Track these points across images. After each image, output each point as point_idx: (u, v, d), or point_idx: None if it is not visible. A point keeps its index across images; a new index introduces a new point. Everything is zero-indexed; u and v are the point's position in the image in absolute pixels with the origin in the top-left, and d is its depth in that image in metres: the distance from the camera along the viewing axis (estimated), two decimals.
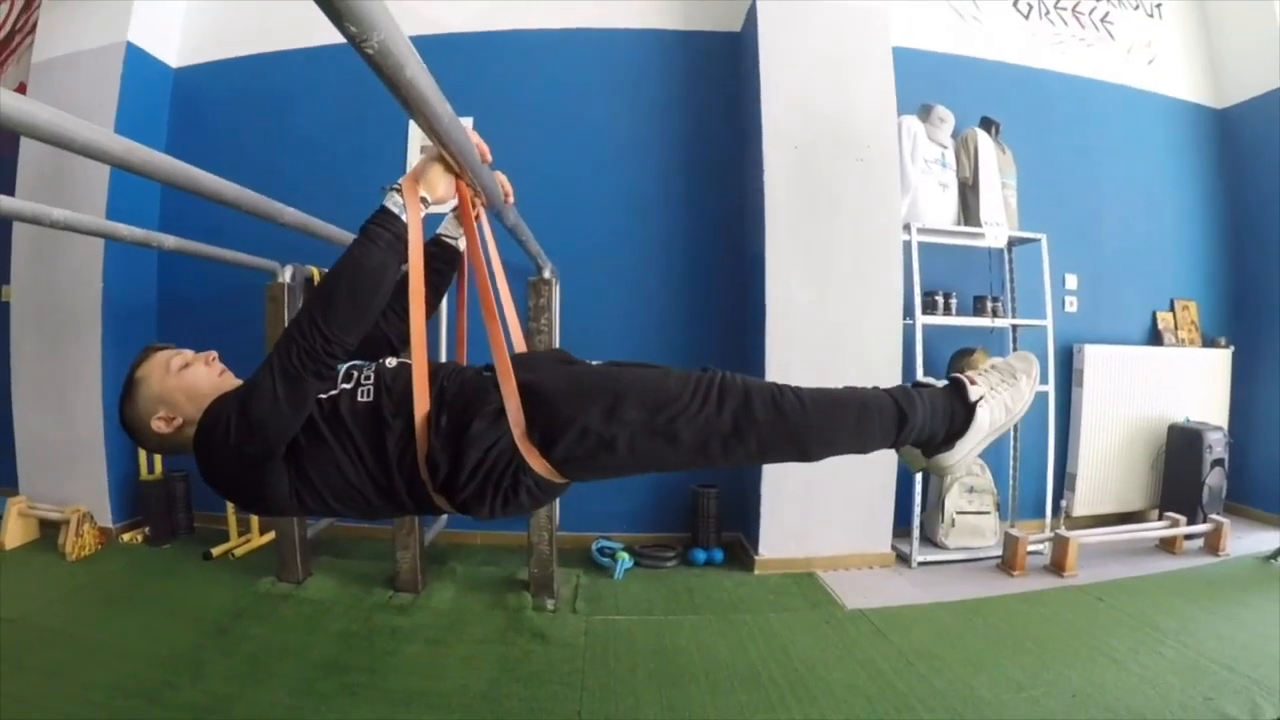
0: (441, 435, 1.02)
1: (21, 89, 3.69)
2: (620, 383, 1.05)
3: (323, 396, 1.06)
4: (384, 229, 1.01)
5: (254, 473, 1.02)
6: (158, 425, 1.09)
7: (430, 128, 0.89)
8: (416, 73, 0.75)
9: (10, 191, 3.26)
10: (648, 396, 1.03)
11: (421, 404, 1.02)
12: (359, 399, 1.06)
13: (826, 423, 1.07)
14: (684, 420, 1.02)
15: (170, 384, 1.09)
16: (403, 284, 1.06)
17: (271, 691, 2.01)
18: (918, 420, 1.10)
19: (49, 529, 3.32)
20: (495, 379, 1.05)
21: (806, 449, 1.08)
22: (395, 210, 1.02)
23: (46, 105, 1.01)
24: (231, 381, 1.12)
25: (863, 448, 1.11)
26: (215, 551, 3.10)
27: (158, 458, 3.37)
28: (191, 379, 1.09)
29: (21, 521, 3.35)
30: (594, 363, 1.17)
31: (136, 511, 3.41)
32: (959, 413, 1.13)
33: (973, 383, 1.15)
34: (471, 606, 2.63)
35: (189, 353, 1.12)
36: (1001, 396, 1.16)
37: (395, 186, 1.04)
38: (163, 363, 1.10)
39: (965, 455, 1.15)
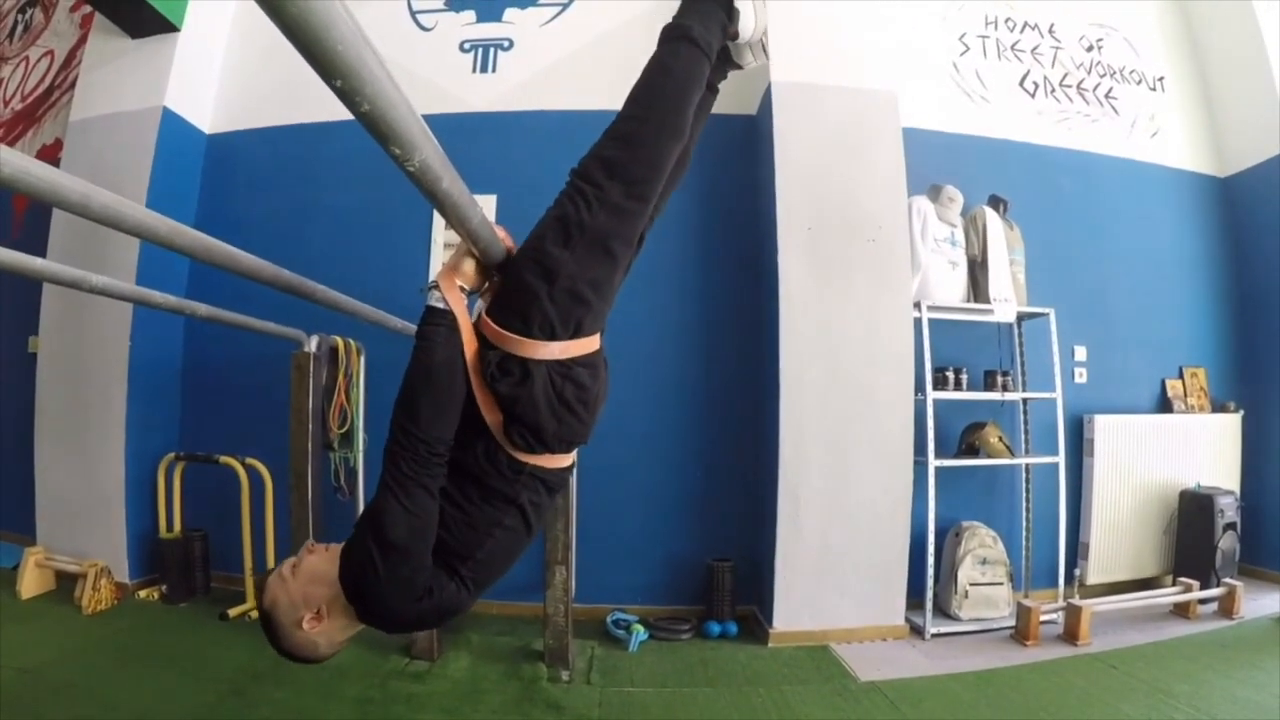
0: (506, 421, 1.11)
1: (58, 145, 3.82)
2: (528, 258, 1.15)
3: None
4: (437, 325, 1.09)
5: (421, 591, 1.06)
6: (311, 626, 1.08)
7: (462, 228, 0.98)
8: (451, 185, 0.84)
9: (42, 249, 3.36)
10: (555, 237, 1.14)
11: (494, 420, 1.11)
12: None
13: (661, 104, 1.20)
14: (591, 222, 1.13)
15: (294, 588, 1.09)
16: None
17: None
18: (698, 28, 1.23)
19: (65, 581, 3.35)
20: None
21: (675, 130, 1.20)
22: (439, 305, 1.10)
23: (110, 193, 1.08)
24: (336, 551, 1.13)
25: (701, 81, 1.25)
26: (232, 612, 3.10)
27: (178, 515, 3.41)
28: (308, 569, 1.11)
29: (39, 572, 3.38)
30: None
31: (154, 569, 3.43)
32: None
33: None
34: (487, 676, 2.64)
35: (289, 559, 1.15)
36: None
37: (432, 285, 1.12)
38: (277, 579, 1.12)
39: (753, 7, 1.33)
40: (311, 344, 2.86)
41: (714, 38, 1.27)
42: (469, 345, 1.10)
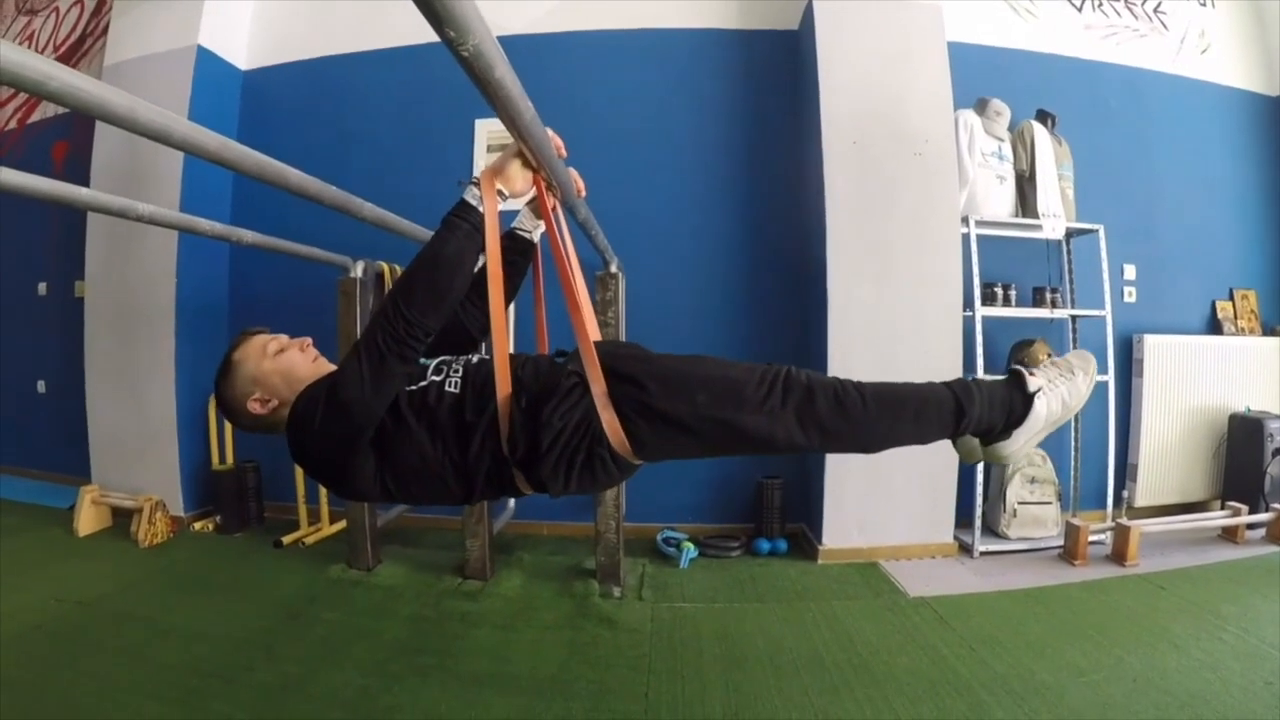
0: (521, 415, 1.08)
1: None
2: (694, 371, 1.11)
3: (413, 388, 1.12)
4: (462, 219, 1.07)
5: (341, 454, 1.07)
6: (253, 406, 1.14)
7: (513, 125, 0.94)
8: (505, 73, 0.81)
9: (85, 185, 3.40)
10: (717, 386, 1.08)
11: (504, 386, 1.07)
12: (447, 389, 1.12)
13: (887, 419, 1.11)
14: (750, 410, 1.07)
15: (266, 367, 1.14)
16: (481, 276, 1.12)
17: (344, 672, 2.07)
18: (975, 413, 1.13)
19: (121, 517, 3.44)
20: (567, 366, 1.11)
21: (867, 443, 1.13)
22: (473, 202, 1.08)
23: (156, 106, 1.05)
24: (325, 367, 1.17)
25: (921, 439, 1.15)
26: (286, 540, 3.18)
27: (229, 448, 3.47)
28: (287, 363, 1.15)
29: (94, 509, 3.47)
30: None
31: (208, 501, 3.53)
32: (1018, 403, 1.16)
33: (1031, 374, 1.18)
34: (539, 594, 2.68)
35: (284, 338, 1.18)
36: (1059, 390, 1.18)
37: (473, 180, 1.09)
38: (260, 346, 1.16)
39: (1021, 446, 1.18)
40: (358, 269, 2.86)
41: (974, 429, 1.15)
42: (492, 245, 1.06)
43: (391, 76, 3.51)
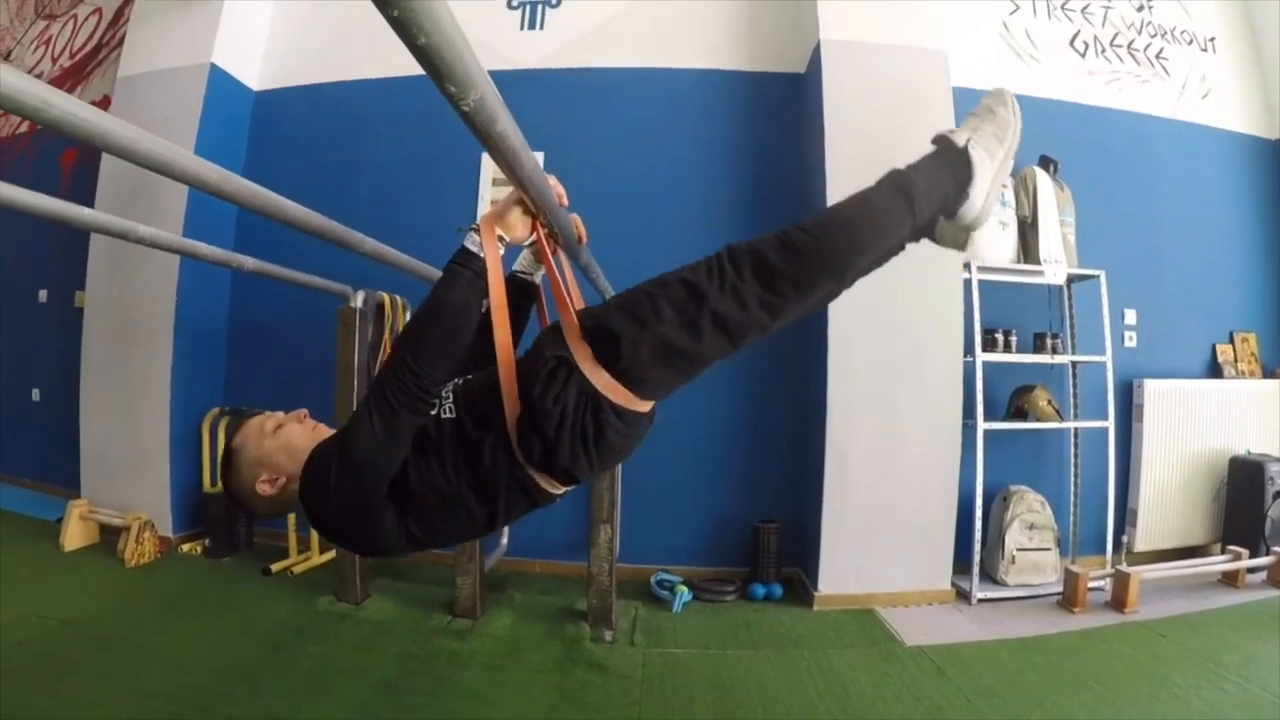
0: (525, 420, 1.05)
1: (106, 101, 3.84)
2: (647, 290, 1.09)
3: None
4: (464, 267, 1.06)
5: (361, 514, 1.05)
6: (263, 488, 1.10)
7: (513, 174, 0.94)
8: (506, 127, 0.80)
9: (90, 203, 3.40)
10: (675, 292, 1.06)
11: (512, 408, 1.05)
12: (444, 416, 1.10)
13: (841, 234, 1.09)
14: (714, 297, 1.05)
15: (267, 446, 1.11)
16: (485, 324, 1.09)
17: (328, 709, 2.03)
18: (922, 188, 1.12)
19: (109, 534, 3.39)
20: (544, 352, 1.08)
21: (838, 268, 1.10)
22: (474, 249, 1.06)
23: (159, 138, 1.03)
24: (325, 433, 1.14)
25: (889, 237, 1.13)
26: (275, 568, 3.14)
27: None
28: (287, 437, 1.12)
29: (82, 525, 3.43)
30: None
31: (197, 523, 3.48)
32: (957, 162, 1.18)
33: (953, 132, 1.21)
34: (530, 635, 2.63)
35: (280, 414, 1.15)
36: (986, 130, 1.21)
37: (473, 226, 1.08)
38: (257, 427, 1.13)
39: (985, 198, 1.19)
40: (358, 299, 2.85)
41: (932, 206, 1.18)
42: (496, 292, 1.05)
43: (402, 105, 3.51)
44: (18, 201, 1.37)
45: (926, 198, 1.14)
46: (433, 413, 1.11)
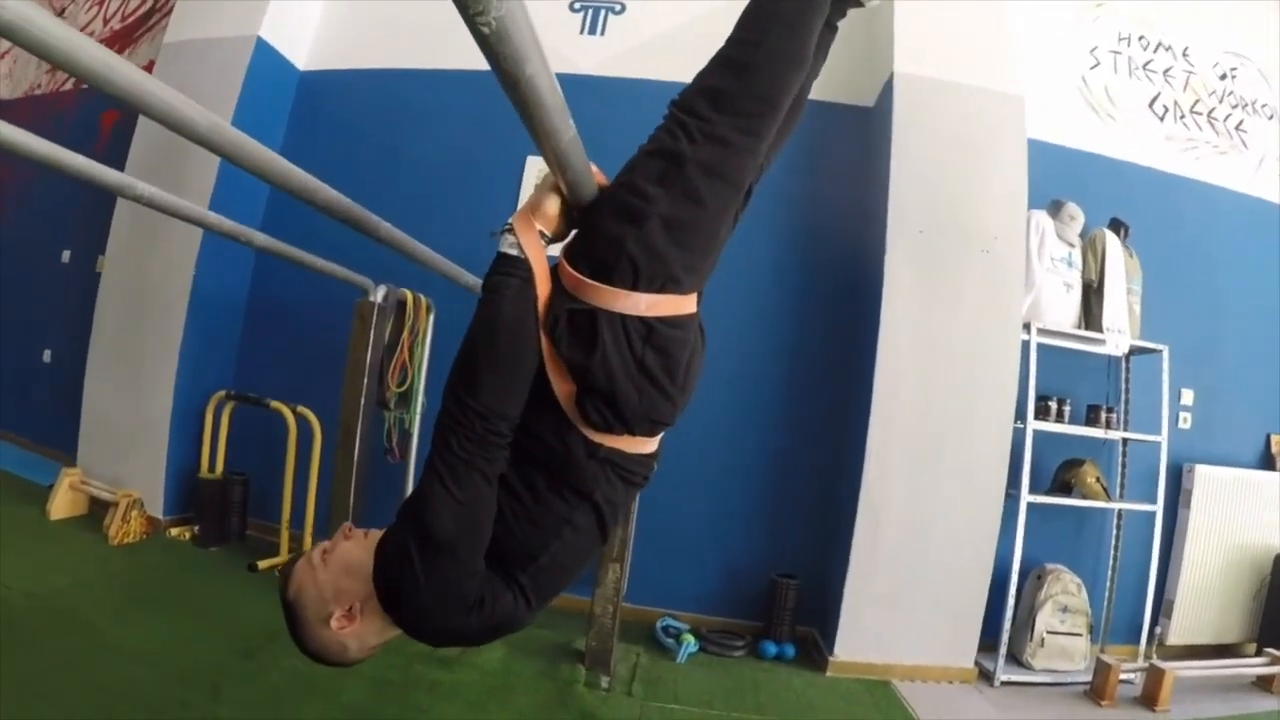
0: (580, 393, 0.92)
1: (149, 67, 3.77)
2: (621, 184, 0.97)
3: None
4: (509, 275, 0.90)
5: (469, 599, 0.88)
6: (340, 625, 0.91)
7: (547, 145, 0.78)
8: (539, 70, 0.63)
9: (120, 166, 3.30)
10: (650, 169, 0.95)
11: (565, 388, 0.92)
12: None
13: (776, 32, 0.99)
14: (694, 153, 0.93)
15: (324, 578, 0.92)
16: None
17: None
18: None
19: (97, 507, 3.28)
20: (566, 310, 0.94)
21: (794, 59, 1.01)
22: (513, 252, 0.90)
23: (197, 104, 0.93)
24: (378, 536, 0.95)
25: (823, 8, 1.05)
26: (262, 564, 2.99)
27: (221, 457, 3.30)
28: (342, 558, 0.93)
29: (72, 495, 3.32)
30: None
31: (189, 507, 3.34)
32: None
33: None
34: (520, 671, 2.45)
35: (324, 543, 0.98)
36: None
37: (506, 227, 0.92)
38: (305, 566, 0.95)
39: None
40: (378, 294, 2.70)
41: None
42: (542, 296, 0.91)
43: (450, 99, 3.40)
44: (14, 142, 1.20)
45: None
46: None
